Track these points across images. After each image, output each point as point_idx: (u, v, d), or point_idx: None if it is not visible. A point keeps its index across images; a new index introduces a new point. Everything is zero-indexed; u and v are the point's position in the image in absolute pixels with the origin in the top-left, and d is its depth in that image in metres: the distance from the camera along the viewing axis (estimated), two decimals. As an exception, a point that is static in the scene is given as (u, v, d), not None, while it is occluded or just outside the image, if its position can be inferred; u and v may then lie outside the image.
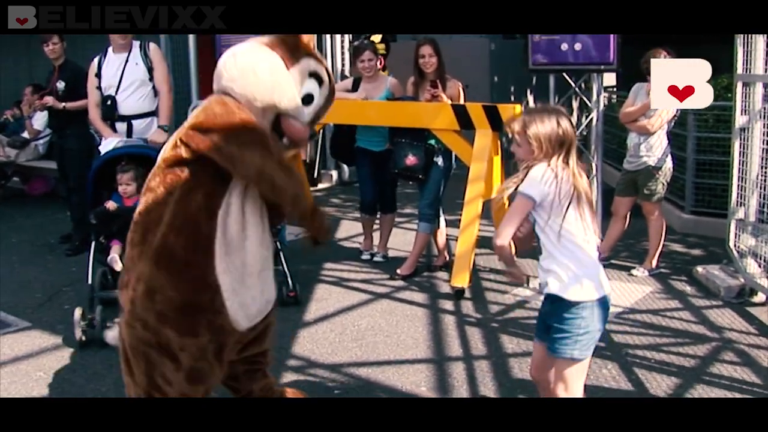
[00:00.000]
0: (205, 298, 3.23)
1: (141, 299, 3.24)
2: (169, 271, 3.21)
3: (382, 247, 7.24)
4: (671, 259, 7.09)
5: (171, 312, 3.21)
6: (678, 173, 7.88)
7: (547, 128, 3.24)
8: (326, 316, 5.76)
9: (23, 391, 4.53)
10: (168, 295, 3.20)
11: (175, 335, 3.22)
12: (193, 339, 3.25)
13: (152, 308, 3.22)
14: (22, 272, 7.00)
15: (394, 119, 6.54)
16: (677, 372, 4.69)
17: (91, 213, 5.46)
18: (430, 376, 4.68)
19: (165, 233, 3.21)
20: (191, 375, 3.29)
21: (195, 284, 3.23)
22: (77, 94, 7.12)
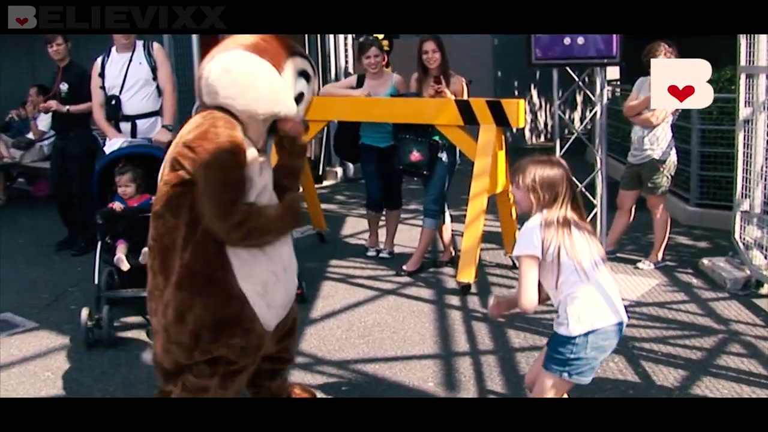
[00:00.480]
0: (234, 310, 3.34)
1: (173, 324, 3.35)
2: (194, 291, 3.31)
3: (389, 244, 7.25)
4: (677, 251, 7.09)
5: (204, 329, 3.32)
6: (683, 166, 7.89)
7: (544, 179, 3.32)
8: (333, 312, 5.77)
9: (32, 391, 4.55)
10: (197, 314, 3.30)
11: (212, 348, 3.35)
12: (227, 348, 3.36)
13: (185, 330, 3.32)
14: (28, 273, 7.02)
15: (398, 116, 6.55)
16: (684, 364, 4.69)
17: (97, 213, 5.47)
18: (437, 371, 4.69)
19: (182, 256, 3.32)
20: (225, 379, 3.43)
21: (221, 299, 3.32)
22: (80, 96, 7.12)
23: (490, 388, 4.44)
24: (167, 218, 3.35)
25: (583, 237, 3.33)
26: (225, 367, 3.41)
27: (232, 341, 3.35)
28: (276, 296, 3.49)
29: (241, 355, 3.41)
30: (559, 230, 3.28)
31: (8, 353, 5.12)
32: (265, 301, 3.42)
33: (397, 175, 6.94)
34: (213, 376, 3.40)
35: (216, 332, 3.33)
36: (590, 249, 3.33)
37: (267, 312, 3.44)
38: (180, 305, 3.31)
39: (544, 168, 3.35)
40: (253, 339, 3.42)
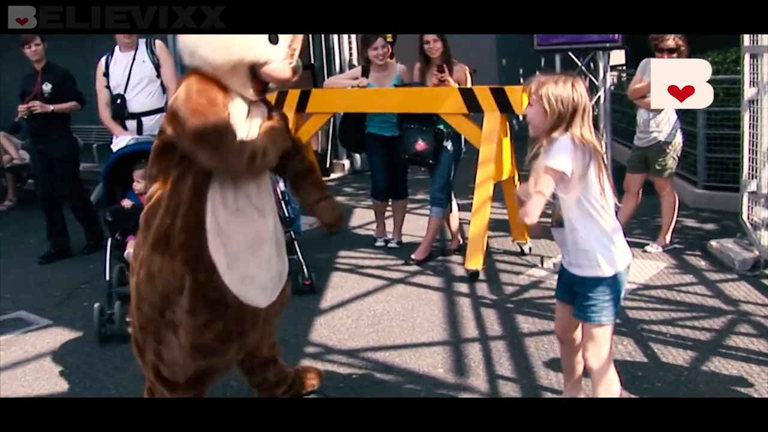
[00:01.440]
0: (200, 277, 3.34)
1: (144, 283, 3.40)
2: (165, 254, 3.35)
3: (397, 234, 7.28)
4: (685, 234, 7.09)
5: (172, 291, 3.35)
6: (689, 148, 7.88)
7: (559, 90, 3.23)
8: (342, 302, 5.81)
9: (47, 387, 4.61)
10: (166, 277, 3.34)
11: (178, 311, 3.37)
12: (192, 317, 3.36)
13: (156, 289, 3.37)
14: (41, 272, 7.09)
15: (402, 105, 6.57)
16: (693, 345, 4.70)
17: (107, 211, 5.51)
18: (446, 358, 4.71)
19: (162, 217, 3.37)
20: (192, 352, 3.43)
21: (190, 265, 3.34)
22: (64, 97, 7.15)
23: (500, 373, 4.45)
24: (156, 179, 3.42)
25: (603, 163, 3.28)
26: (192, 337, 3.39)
27: (200, 312, 3.35)
28: (252, 269, 3.48)
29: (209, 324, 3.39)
30: (590, 149, 3.21)
31: (23, 350, 5.18)
32: (238, 273, 3.41)
33: (403, 165, 6.96)
34: (181, 348, 3.42)
35: (182, 297, 3.34)
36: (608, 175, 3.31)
37: (242, 285, 3.43)
38: (151, 265, 3.36)
39: (558, 82, 3.26)
40: (224, 311, 3.41)
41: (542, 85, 3.26)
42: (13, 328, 5.61)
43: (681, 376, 4.30)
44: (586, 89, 3.34)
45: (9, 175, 10.38)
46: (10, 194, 10.40)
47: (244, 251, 3.46)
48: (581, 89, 3.28)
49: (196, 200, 3.34)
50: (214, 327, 3.41)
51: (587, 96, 3.31)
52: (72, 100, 7.20)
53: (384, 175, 7.07)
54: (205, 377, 3.61)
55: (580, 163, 3.19)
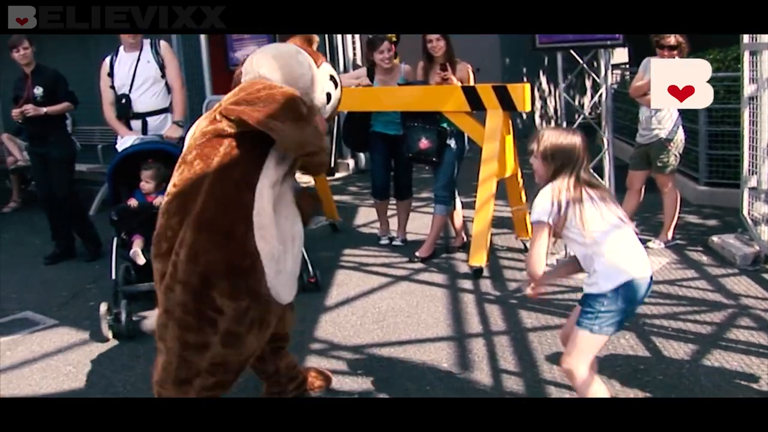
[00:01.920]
0: (246, 263, 3.38)
1: (184, 262, 3.36)
2: (211, 236, 3.36)
3: (401, 232, 7.33)
4: (687, 230, 7.14)
5: (214, 273, 3.35)
6: (691, 145, 7.92)
7: (558, 147, 3.43)
8: (347, 300, 5.86)
9: (54, 386, 4.65)
10: (211, 257, 3.34)
11: (217, 296, 3.36)
12: (234, 302, 3.38)
13: (196, 270, 3.34)
14: (46, 272, 7.14)
15: (405, 104, 6.63)
16: (694, 339, 4.74)
17: (112, 210, 5.57)
18: (450, 353, 4.76)
19: (206, 201, 3.37)
20: (226, 338, 3.42)
21: (236, 250, 3.37)
22: (56, 99, 7.16)
23: (503, 368, 4.50)
24: (196, 164, 3.42)
25: (595, 204, 3.38)
26: (227, 324, 3.40)
27: (237, 298, 3.38)
28: (288, 264, 3.57)
29: (243, 315, 3.42)
30: (571, 197, 3.37)
31: (30, 350, 5.23)
32: (276, 267, 3.47)
33: (407, 164, 7.00)
34: (216, 334, 3.40)
35: (224, 280, 3.35)
36: (603, 214, 3.39)
37: (276, 278, 3.48)
38: (194, 245, 3.34)
39: (558, 136, 3.47)
40: (258, 300, 3.46)
41: (542, 144, 3.46)
42: (19, 328, 5.65)
43: (682, 369, 4.35)
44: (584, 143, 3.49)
45: (13, 176, 10.41)
46: (14, 196, 10.44)
47: (279, 249, 3.51)
48: (579, 144, 3.45)
49: (246, 192, 3.39)
50: (252, 314, 3.45)
51: (583, 149, 3.47)
52: (64, 100, 7.20)
53: (384, 174, 7.13)
54: (227, 368, 3.57)
55: (557, 205, 3.37)
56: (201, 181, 3.39)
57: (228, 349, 3.46)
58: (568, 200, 3.37)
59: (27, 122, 7.33)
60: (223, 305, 3.37)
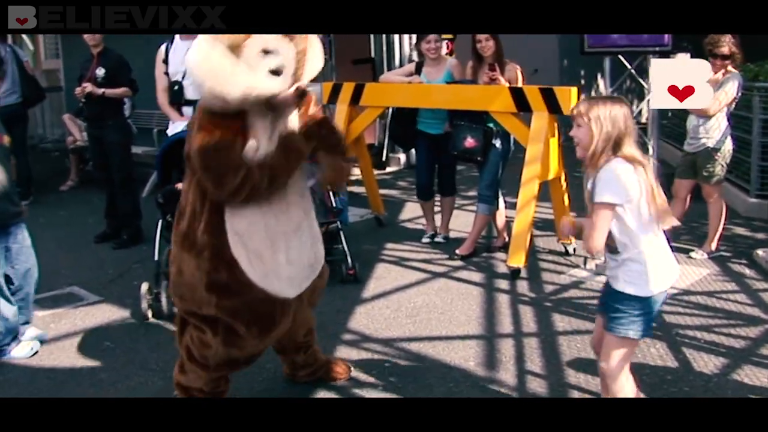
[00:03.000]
0: (223, 275, 3.55)
1: (175, 278, 3.69)
2: (191, 252, 3.58)
3: (444, 229, 7.37)
4: (733, 242, 7.04)
5: (197, 288, 3.58)
6: (744, 156, 7.82)
7: (607, 111, 3.30)
8: (383, 293, 5.92)
9: (92, 359, 4.82)
10: (192, 272, 3.58)
11: (204, 305, 3.60)
12: (219, 309, 3.59)
13: (183, 284, 3.63)
14: (98, 251, 7.34)
15: (453, 102, 6.66)
16: (726, 353, 4.70)
17: (159, 193, 5.70)
18: (479, 351, 4.80)
19: (188, 219, 3.62)
20: (225, 340, 3.66)
21: (213, 262, 3.56)
22: (117, 83, 7.34)
23: (529, 369, 4.53)
24: (186, 181, 3.70)
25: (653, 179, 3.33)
26: (225, 326, 3.63)
27: (223, 303, 3.57)
28: (279, 264, 3.64)
29: (236, 317, 3.60)
30: (641, 171, 3.26)
31: (72, 324, 5.42)
32: (262, 269, 3.59)
33: (451, 162, 7.04)
34: (216, 335, 3.64)
35: (208, 292, 3.56)
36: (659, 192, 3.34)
37: (266, 280, 3.60)
38: (179, 262, 3.62)
39: (605, 103, 3.33)
40: (251, 303, 3.60)
41: (591, 107, 3.32)
42: (65, 303, 5.86)
43: (710, 382, 4.33)
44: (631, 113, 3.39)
45: (72, 156, 10.67)
46: (72, 174, 10.70)
47: (266, 249, 3.62)
48: (627, 111, 3.33)
49: (216, 203, 3.54)
50: (245, 315, 3.62)
51: (632, 120, 3.37)
52: (124, 86, 7.40)
53: (428, 174, 7.18)
54: (233, 363, 3.82)
55: (630, 188, 3.24)
56: (187, 201, 3.63)
57: (229, 349, 3.69)
58: (640, 173, 3.24)
59: (86, 103, 7.54)
60: (213, 312, 3.59)
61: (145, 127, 10.70)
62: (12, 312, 4.82)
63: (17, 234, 4.90)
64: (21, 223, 4.93)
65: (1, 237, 4.80)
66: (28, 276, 5.01)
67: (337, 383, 4.37)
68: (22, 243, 4.93)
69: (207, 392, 3.85)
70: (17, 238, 4.90)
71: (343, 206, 6.35)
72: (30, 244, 5.02)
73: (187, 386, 3.86)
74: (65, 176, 10.73)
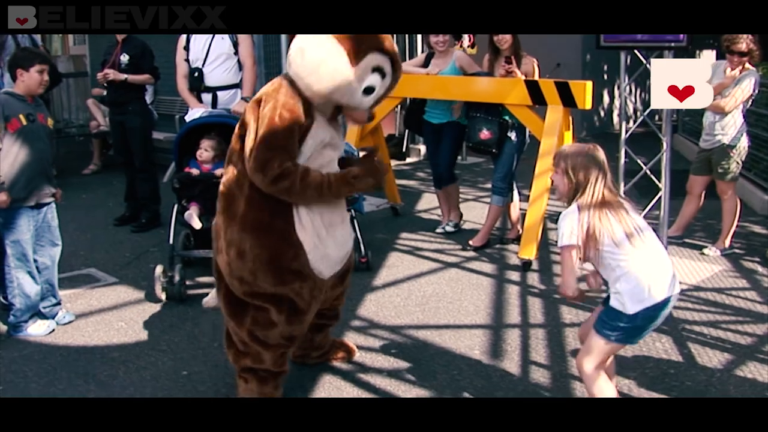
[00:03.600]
0: (289, 254, 3.67)
1: (235, 261, 3.70)
2: (255, 234, 3.66)
3: (448, 216, 7.47)
4: (748, 240, 7.04)
5: (262, 267, 3.66)
6: (763, 154, 7.80)
7: (578, 157, 3.49)
8: (395, 281, 5.99)
9: (105, 338, 4.92)
10: (256, 253, 3.64)
11: (269, 286, 3.68)
12: (285, 287, 3.70)
13: (246, 267, 3.67)
14: (116, 233, 7.46)
15: (469, 94, 6.70)
16: (731, 349, 4.72)
17: (175, 177, 5.79)
18: (484, 341, 4.85)
19: (248, 203, 3.66)
20: (290, 315, 3.76)
21: (279, 244, 3.66)
22: (140, 69, 7.43)
23: (534, 359, 4.58)
24: (235, 167, 3.71)
25: (617, 216, 3.44)
26: (289, 304, 3.73)
27: (289, 283, 3.69)
28: (330, 248, 3.81)
29: (299, 295, 3.73)
30: (594, 213, 3.41)
31: (88, 304, 5.52)
32: (320, 252, 3.74)
33: (452, 151, 7.15)
34: (281, 313, 3.73)
35: (272, 272, 3.65)
36: (624, 225, 3.43)
37: (320, 262, 3.76)
38: (241, 244, 3.65)
39: (578, 153, 3.51)
40: (308, 284, 3.75)
41: (566, 156, 3.53)
42: (82, 283, 5.97)
43: (712, 377, 4.35)
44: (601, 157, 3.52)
45: (95, 140, 10.81)
46: (95, 158, 10.83)
47: (325, 232, 3.77)
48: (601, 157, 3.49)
49: None
50: (304, 292, 3.75)
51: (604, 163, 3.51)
52: (147, 73, 7.49)
53: (434, 162, 7.30)
54: (292, 339, 3.91)
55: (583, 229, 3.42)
56: (242, 183, 3.67)
57: (291, 326, 3.80)
58: (591, 214, 3.41)
59: (109, 88, 7.65)
60: (277, 291, 3.69)
61: (168, 114, 10.80)
62: (35, 291, 4.95)
63: (47, 214, 5.05)
64: (52, 203, 5.09)
65: (34, 216, 4.95)
66: (54, 256, 5.15)
67: (342, 367, 4.45)
68: (50, 223, 5.07)
69: (274, 371, 3.91)
70: (47, 218, 5.05)
71: (358, 195, 6.41)
72: (57, 225, 5.15)
73: (255, 367, 3.89)
74: (88, 160, 10.86)
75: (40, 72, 4.86)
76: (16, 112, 4.79)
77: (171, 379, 4.37)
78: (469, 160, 11.22)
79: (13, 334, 4.94)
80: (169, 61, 7.42)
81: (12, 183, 4.77)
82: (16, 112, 4.79)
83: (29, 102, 4.89)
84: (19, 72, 4.84)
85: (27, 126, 4.83)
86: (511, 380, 4.33)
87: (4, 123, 4.74)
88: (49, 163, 5.04)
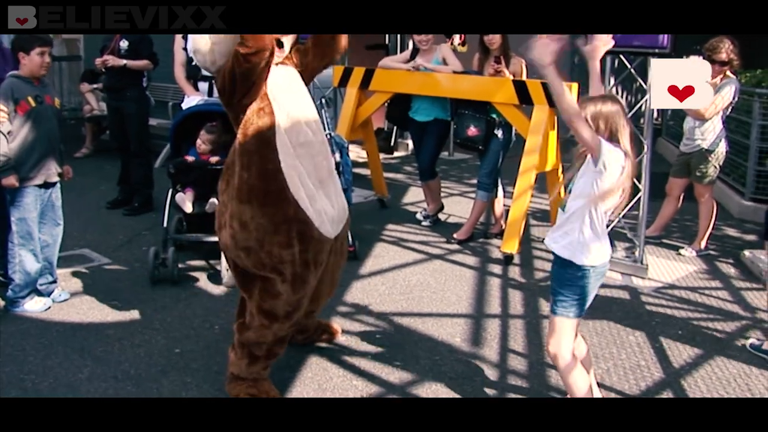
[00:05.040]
0: (289, 211, 3.81)
1: (239, 233, 3.84)
2: (253, 202, 3.80)
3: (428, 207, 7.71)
4: (722, 242, 7.26)
5: (267, 235, 3.80)
6: (741, 160, 8.03)
7: (598, 108, 3.56)
8: (380, 271, 6.18)
9: (99, 316, 5.09)
10: (259, 222, 3.79)
11: (276, 252, 3.80)
12: (290, 249, 3.82)
13: (251, 237, 3.81)
14: (109, 216, 7.61)
15: (458, 92, 6.89)
16: (701, 344, 4.93)
17: (170, 163, 5.95)
18: (466, 329, 5.05)
19: (240, 173, 3.82)
20: (294, 282, 3.88)
21: (278, 204, 3.80)
22: (139, 55, 7.57)
23: (512, 348, 4.78)
24: (234, 144, 3.88)
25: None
26: (292, 270, 3.84)
27: (292, 243, 3.81)
28: (325, 204, 3.96)
29: (303, 255, 3.85)
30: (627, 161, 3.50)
31: (83, 283, 5.70)
32: (314, 208, 3.88)
33: (435, 148, 7.37)
34: (285, 282, 3.86)
35: (276, 234, 3.79)
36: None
37: (317, 217, 3.89)
38: (243, 215, 3.80)
39: (597, 103, 3.59)
40: (311, 242, 3.87)
41: (585, 108, 3.58)
42: (76, 263, 6.12)
43: (682, 370, 4.56)
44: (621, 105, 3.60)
45: (88, 124, 10.94)
46: (87, 142, 10.95)
47: (315, 185, 3.93)
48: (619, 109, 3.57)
49: (266, 149, 3.78)
50: (306, 256, 3.88)
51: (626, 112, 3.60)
52: (146, 59, 7.63)
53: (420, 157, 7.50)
54: (297, 309, 4.03)
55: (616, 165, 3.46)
56: (233, 158, 3.87)
57: (297, 294, 3.92)
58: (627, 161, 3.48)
59: (107, 74, 7.79)
60: (283, 256, 3.81)
61: (161, 100, 10.93)
62: (35, 269, 5.12)
63: (52, 193, 5.24)
64: (57, 183, 5.27)
65: (41, 195, 5.13)
66: (56, 235, 5.32)
67: (328, 349, 4.66)
68: (54, 202, 5.25)
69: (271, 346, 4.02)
70: (52, 197, 5.23)
71: (347, 186, 6.57)
72: (61, 205, 5.32)
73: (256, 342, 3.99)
74: (81, 144, 10.98)
75: (41, 54, 5.00)
76: (24, 94, 4.95)
77: (164, 357, 4.54)
78: (456, 156, 11.41)
79: (11, 309, 5.10)
80: (164, 48, 7.57)
81: (21, 163, 4.94)
82: (24, 95, 4.95)
83: (35, 84, 5.04)
84: (20, 55, 4.99)
85: (36, 108, 4.99)
86: (490, 366, 4.52)
87: (14, 106, 4.90)
88: (57, 141, 5.22)
